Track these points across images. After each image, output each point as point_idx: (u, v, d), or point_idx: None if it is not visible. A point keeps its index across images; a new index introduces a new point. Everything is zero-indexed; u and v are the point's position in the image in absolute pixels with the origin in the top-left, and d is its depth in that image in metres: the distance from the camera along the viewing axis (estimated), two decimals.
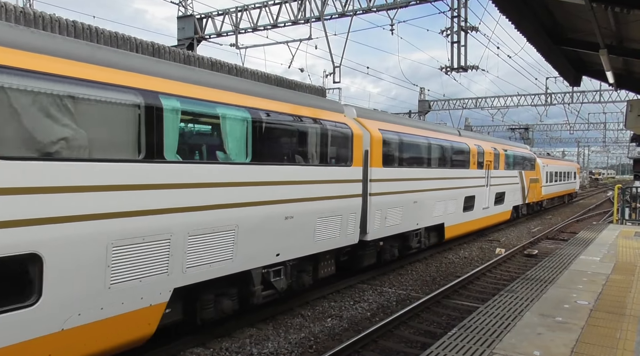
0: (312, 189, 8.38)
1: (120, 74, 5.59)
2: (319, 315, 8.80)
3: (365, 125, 10.45)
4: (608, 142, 63.92)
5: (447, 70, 17.76)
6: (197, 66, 7.89)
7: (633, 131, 15.26)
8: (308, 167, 8.39)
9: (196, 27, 19.65)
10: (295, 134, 8.45)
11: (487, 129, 52.08)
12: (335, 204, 9.00)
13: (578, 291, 6.85)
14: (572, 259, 9.22)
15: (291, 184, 7.89)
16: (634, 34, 8.49)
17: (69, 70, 5.06)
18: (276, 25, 18.46)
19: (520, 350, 4.65)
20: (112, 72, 5.51)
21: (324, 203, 8.67)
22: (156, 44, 9.44)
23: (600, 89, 32.84)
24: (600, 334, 5.11)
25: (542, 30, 8.86)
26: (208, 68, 8.05)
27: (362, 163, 9.97)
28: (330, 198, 8.84)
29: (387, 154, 11.01)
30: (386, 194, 10.84)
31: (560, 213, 29.43)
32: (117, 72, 5.58)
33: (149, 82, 5.89)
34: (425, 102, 37.36)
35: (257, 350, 7.11)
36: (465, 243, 17.05)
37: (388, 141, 11.04)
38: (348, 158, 9.49)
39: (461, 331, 5.21)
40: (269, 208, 7.42)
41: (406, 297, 10.09)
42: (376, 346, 7.36)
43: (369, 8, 16.86)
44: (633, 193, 17.57)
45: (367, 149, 10.26)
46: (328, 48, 18.91)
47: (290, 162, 8.10)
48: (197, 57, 8.15)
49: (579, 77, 12.47)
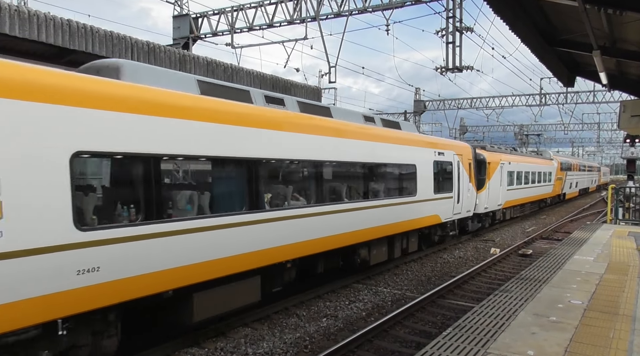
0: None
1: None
2: (314, 315, 8.80)
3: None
4: (602, 142, 64.34)
5: (443, 70, 17.84)
6: (192, 65, 7.93)
7: (626, 131, 15.37)
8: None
9: (192, 27, 19.61)
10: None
11: (482, 130, 52.32)
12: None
13: (572, 290, 6.89)
14: (566, 259, 9.28)
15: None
16: (627, 35, 8.55)
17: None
18: (272, 25, 18.46)
19: (514, 349, 4.67)
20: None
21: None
22: (151, 43, 9.44)
23: (594, 90, 33.09)
24: (594, 333, 5.14)
25: (536, 32, 8.91)
26: (204, 68, 8.07)
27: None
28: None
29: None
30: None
31: (555, 213, 29.58)
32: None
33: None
34: (421, 102, 37.47)
35: (252, 350, 7.11)
36: (460, 243, 17.11)
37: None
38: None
39: (456, 331, 5.23)
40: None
41: (401, 297, 10.12)
42: (371, 346, 7.37)
43: (364, 8, 16.90)
44: (627, 193, 17.70)
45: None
46: (324, 48, 18.91)
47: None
48: (193, 56, 8.14)
49: (572, 78, 12.55)
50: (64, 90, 5.06)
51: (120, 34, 11.10)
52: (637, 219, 16.97)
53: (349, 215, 9.77)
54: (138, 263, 5.67)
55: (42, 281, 4.77)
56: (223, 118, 6.95)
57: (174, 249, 6.10)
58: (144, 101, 5.87)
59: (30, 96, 4.74)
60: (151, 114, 5.88)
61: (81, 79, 5.41)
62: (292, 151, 8.34)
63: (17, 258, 4.55)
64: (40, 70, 5.06)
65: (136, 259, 5.66)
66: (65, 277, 4.96)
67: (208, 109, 6.80)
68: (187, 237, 6.28)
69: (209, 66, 13.35)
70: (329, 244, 9.23)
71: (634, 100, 12.52)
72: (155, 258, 5.87)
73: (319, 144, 9.01)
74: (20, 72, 4.81)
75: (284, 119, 8.31)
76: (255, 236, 7.40)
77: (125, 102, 5.60)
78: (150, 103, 5.92)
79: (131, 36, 11.37)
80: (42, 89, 4.86)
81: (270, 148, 7.81)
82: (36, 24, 8.76)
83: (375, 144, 10.87)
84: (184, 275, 6.26)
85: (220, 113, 6.97)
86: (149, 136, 5.85)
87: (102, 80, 5.67)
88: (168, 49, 11.94)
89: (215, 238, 6.71)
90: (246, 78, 15.21)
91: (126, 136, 5.59)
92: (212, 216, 6.71)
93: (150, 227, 5.81)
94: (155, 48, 11.54)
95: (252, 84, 14.57)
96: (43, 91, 4.86)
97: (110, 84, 5.69)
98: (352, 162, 10.14)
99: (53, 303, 4.89)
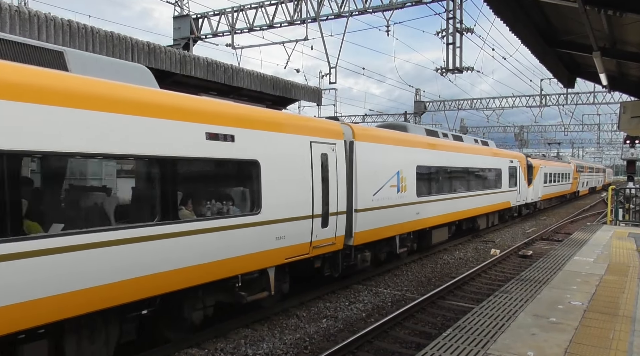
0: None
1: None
2: (314, 316, 8.80)
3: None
4: (602, 143, 64.30)
5: (443, 71, 17.84)
6: (192, 66, 7.91)
7: (626, 132, 15.37)
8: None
9: (192, 27, 19.63)
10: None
11: (482, 131, 52.35)
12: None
13: (572, 291, 6.89)
14: (566, 260, 9.27)
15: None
16: (627, 37, 8.56)
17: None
18: (272, 25, 18.47)
19: (514, 350, 4.67)
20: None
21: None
22: (152, 44, 9.45)
23: (594, 91, 33.06)
24: (594, 334, 5.14)
25: (536, 33, 8.91)
26: (204, 68, 8.06)
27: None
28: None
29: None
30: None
31: (555, 214, 29.58)
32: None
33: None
34: (421, 103, 37.47)
35: (252, 351, 7.11)
36: (460, 243, 17.11)
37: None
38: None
39: (456, 331, 5.23)
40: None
41: (401, 298, 10.12)
42: (371, 347, 7.37)
43: (364, 9, 16.91)
44: (627, 194, 17.70)
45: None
46: (324, 49, 18.92)
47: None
48: (193, 57, 8.15)
49: (573, 79, 12.55)
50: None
51: (120, 34, 11.13)
52: (637, 220, 16.98)
53: (474, 199, 17.01)
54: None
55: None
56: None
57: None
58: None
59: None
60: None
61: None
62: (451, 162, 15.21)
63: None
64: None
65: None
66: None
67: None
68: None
69: (209, 66, 13.37)
70: (470, 214, 16.90)
71: (634, 101, 12.53)
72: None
73: (460, 156, 15.88)
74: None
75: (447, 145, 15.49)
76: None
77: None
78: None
79: (131, 37, 11.41)
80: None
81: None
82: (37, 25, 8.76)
83: (485, 158, 18.28)
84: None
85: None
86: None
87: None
88: (168, 50, 11.96)
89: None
90: (246, 79, 15.21)
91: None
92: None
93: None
94: (156, 49, 11.56)
95: (252, 84, 14.57)
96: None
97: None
98: (476, 167, 17.44)
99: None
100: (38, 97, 4.94)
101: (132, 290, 5.75)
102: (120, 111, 5.67)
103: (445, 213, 14.47)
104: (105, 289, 5.43)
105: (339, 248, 9.60)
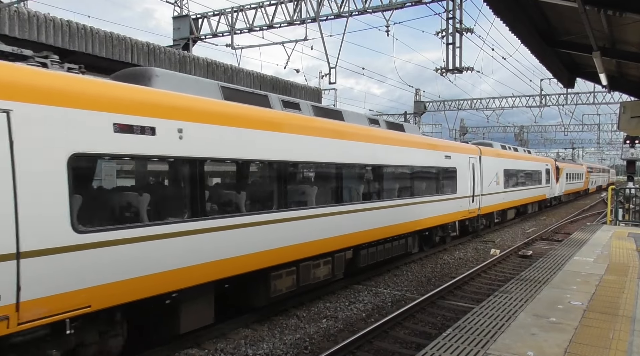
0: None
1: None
2: (314, 316, 8.80)
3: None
4: (602, 143, 64.33)
5: (443, 71, 17.84)
6: (192, 66, 8.03)
7: (626, 132, 15.38)
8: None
9: (192, 28, 19.62)
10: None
11: (482, 131, 52.38)
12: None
13: (572, 291, 6.89)
14: (566, 260, 9.27)
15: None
16: (626, 37, 8.56)
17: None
18: (272, 25, 18.46)
19: (514, 350, 4.67)
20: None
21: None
22: (151, 44, 9.45)
23: (594, 91, 33.08)
24: (594, 334, 5.14)
25: (536, 33, 8.91)
26: (204, 69, 8.15)
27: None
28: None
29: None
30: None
31: (555, 214, 29.59)
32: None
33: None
34: (421, 103, 37.48)
35: (252, 351, 7.11)
36: (460, 244, 17.11)
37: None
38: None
39: (456, 331, 5.23)
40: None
41: (401, 298, 10.12)
42: (371, 347, 7.37)
43: (364, 9, 16.91)
44: (626, 194, 17.69)
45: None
46: (324, 49, 18.93)
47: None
48: (193, 57, 8.17)
49: (572, 79, 12.55)
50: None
51: (120, 35, 11.12)
52: (637, 220, 16.97)
53: (529, 191, 25.18)
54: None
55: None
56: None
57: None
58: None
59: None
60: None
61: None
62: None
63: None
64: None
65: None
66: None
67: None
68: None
69: (209, 67, 13.36)
70: (526, 201, 25.10)
71: (633, 101, 12.53)
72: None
73: (524, 163, 24.77)
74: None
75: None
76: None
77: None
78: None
79: (131, 37, 11.40)
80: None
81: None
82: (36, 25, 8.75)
83: (532, 163, 26.10)
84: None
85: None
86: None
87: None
88: (168, 50, 11.96)
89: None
90: (246, 79, 15.22)
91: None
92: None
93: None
94: (155, 49, 11.55)
95: (252, 84, 14.57)
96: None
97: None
98: (530, 170, 25.31)
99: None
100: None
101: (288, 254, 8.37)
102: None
103: (514, 200, 22.52)
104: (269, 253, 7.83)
105: (476, 214, 17.62)
